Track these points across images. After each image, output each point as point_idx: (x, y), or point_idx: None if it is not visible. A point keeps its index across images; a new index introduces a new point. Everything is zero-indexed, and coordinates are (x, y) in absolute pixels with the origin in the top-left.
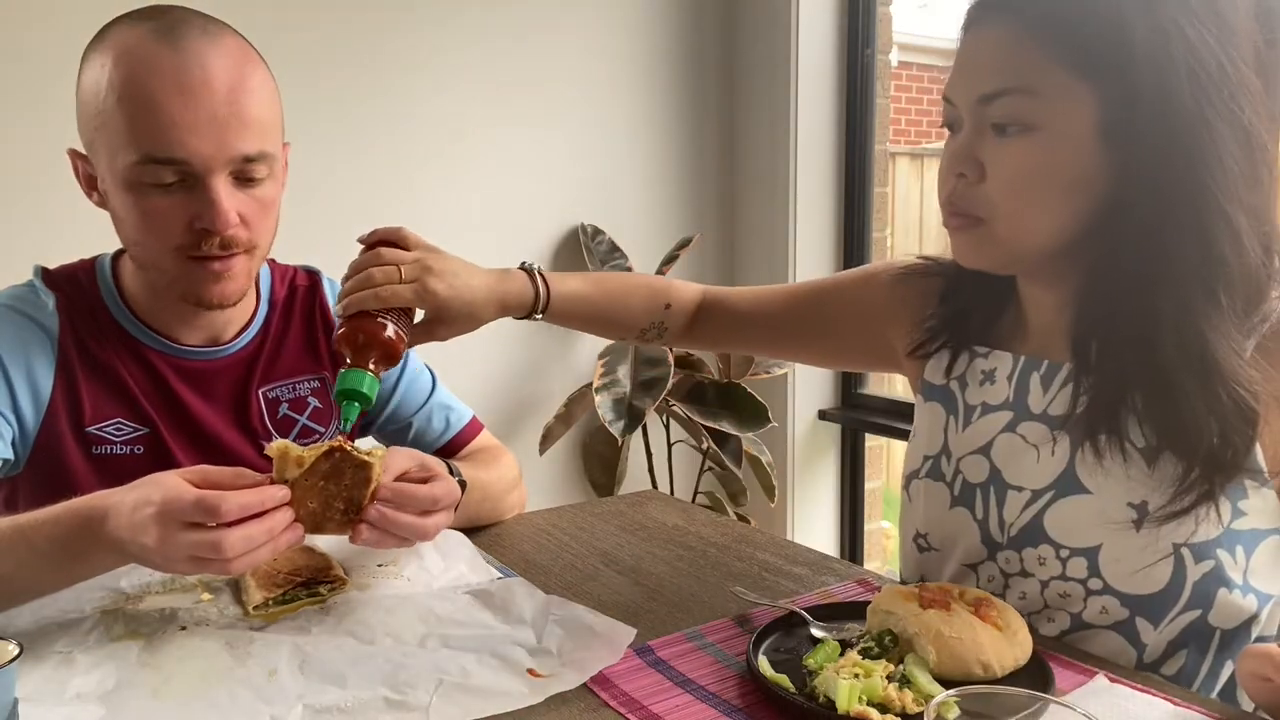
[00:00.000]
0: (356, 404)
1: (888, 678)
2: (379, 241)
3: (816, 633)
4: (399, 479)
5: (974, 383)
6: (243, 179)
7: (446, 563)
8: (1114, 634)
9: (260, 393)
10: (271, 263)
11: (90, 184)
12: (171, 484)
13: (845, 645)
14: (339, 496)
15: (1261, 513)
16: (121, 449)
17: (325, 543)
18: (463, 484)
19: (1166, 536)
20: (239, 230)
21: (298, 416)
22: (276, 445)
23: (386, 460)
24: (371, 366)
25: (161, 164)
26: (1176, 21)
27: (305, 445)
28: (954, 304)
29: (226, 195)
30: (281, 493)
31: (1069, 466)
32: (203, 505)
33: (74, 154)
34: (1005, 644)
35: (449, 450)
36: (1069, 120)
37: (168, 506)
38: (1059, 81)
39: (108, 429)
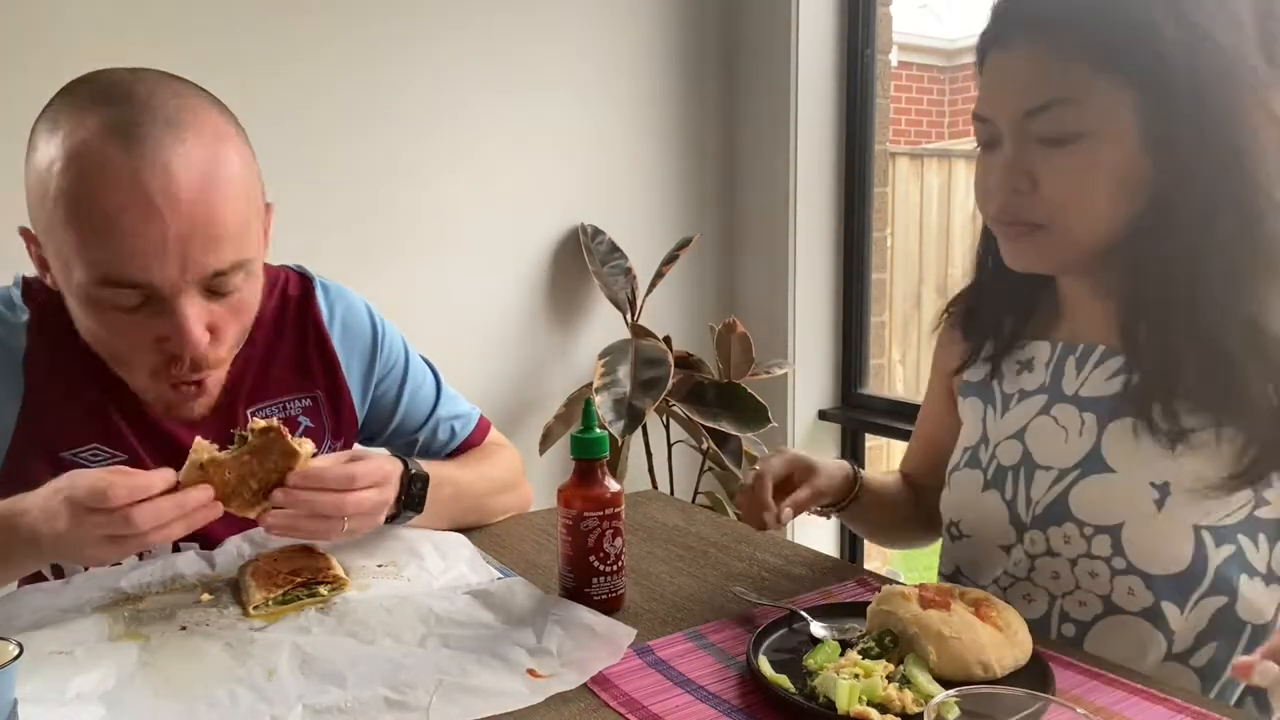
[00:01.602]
0: None
1: (888, 678)
2: None
3: (817, 632)
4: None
5: (1010, 373)
6: (215, 291)
7: (446, 563)
8: (1143, 621)
9: (248, 413)
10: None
11: (42, 266)
12: (81, 474)
13: (845, 645)
14: (256, 476)
15: None
16: None
17: (325, 543)
18: (423, 476)
19: (1186, 518)
20: (210, 349)
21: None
22: (200, 444)
23: (318, 461)
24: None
25: (122, 288)
26: (1200, 20)
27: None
28: (985, 314)
29: (195, 315)
30: (167, 475)
31: (1095, 446)
32: (94, 491)
33: (25, 233)
34: (1005, 644)
35: (455, 456)
36: (1114, 123)
37: (71, 493)
38: (1099, 88)
39: (83, 454)
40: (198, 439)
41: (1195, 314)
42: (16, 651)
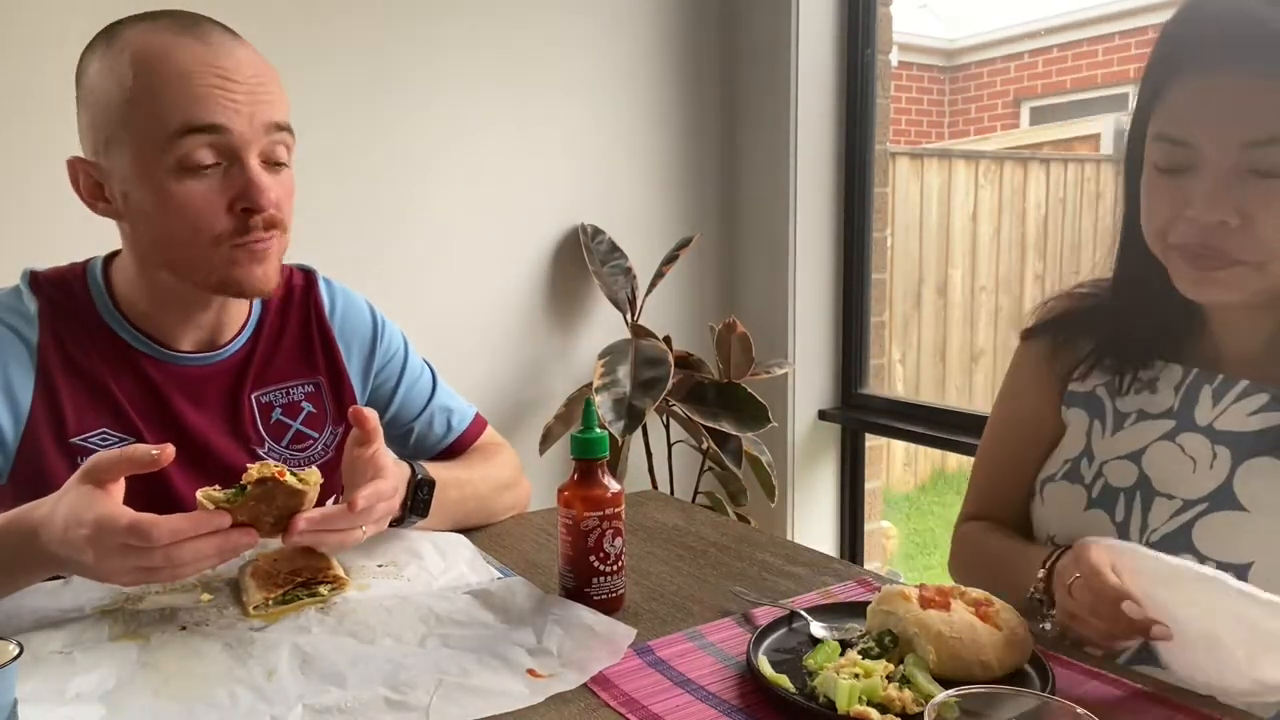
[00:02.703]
0: None
1: (888, 678)
2: None
3: (817, 632)
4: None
5: (1130, 390)
6: (270, 162)
7: (447, 563)
8: None
9: (253, 398)
10: None
11: (95, 193)
12: (100, 507)
13: (845, 645)
14: (269, 514)
15: None
16: None
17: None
18: (430, 482)
19: None
20: (278, 210)
21: (291, 422)
22: (203, 496)
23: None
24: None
25: (201, 133)
26: None
27: (297, 450)
28: (1115, 327)
29: (263, 172)
30: (220, 519)
31: (1228, 482)
32: (135, 531)
33: (77, 162)
34: (1005, 644)
35: (452, 452)
36: None
37: (100, 531)
38: None
39: (92, 439)
40: (200, 493)
41: None
42: (16, 651)
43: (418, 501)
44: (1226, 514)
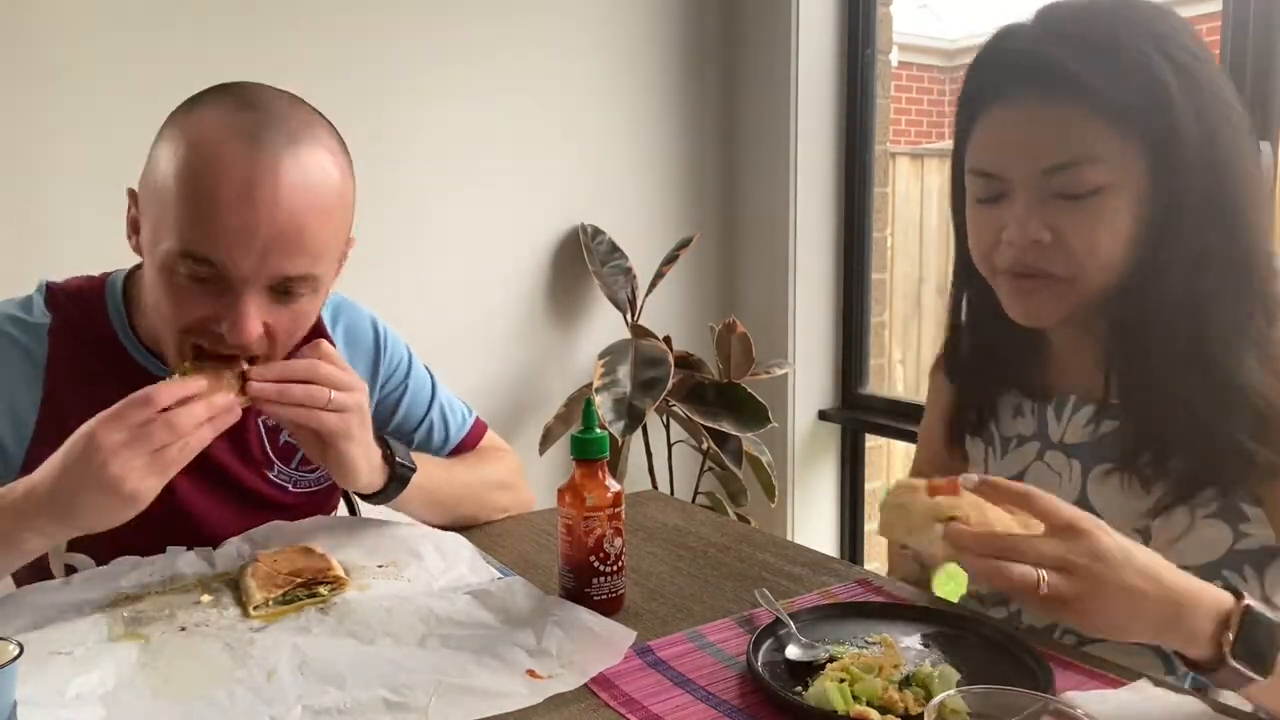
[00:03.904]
0: None
1: (896, 682)
2: None
3: (792, 655)
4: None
5: (1006, 415)
6: (281, 291)
7: (447, 563)
8: (1147, 650)
9: (260, 422)
10: None
11: (132, 227)
12: (84, 431)
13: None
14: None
15: (1265, 526)
16: None
17: (325, 543)
18: (408, 466)
19: (1171, 560)
20: (258, 345)
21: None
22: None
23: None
24: None
25: (199, 262)
26: (1196, 70)
27: (306, 471)
28: (972, 363)
29: (256, 309)
30: (197, 382)
31: (1082, 493)
32: (135, 400)
33: (132, 194)
34: (1017, 525)
35: (455, 456)
36: (1128, 175)
37: (101, 427)
38: (1115, 144)
39: None
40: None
41: (1177, 360)
42: (16, 652)
43: (396, 466)
44: None
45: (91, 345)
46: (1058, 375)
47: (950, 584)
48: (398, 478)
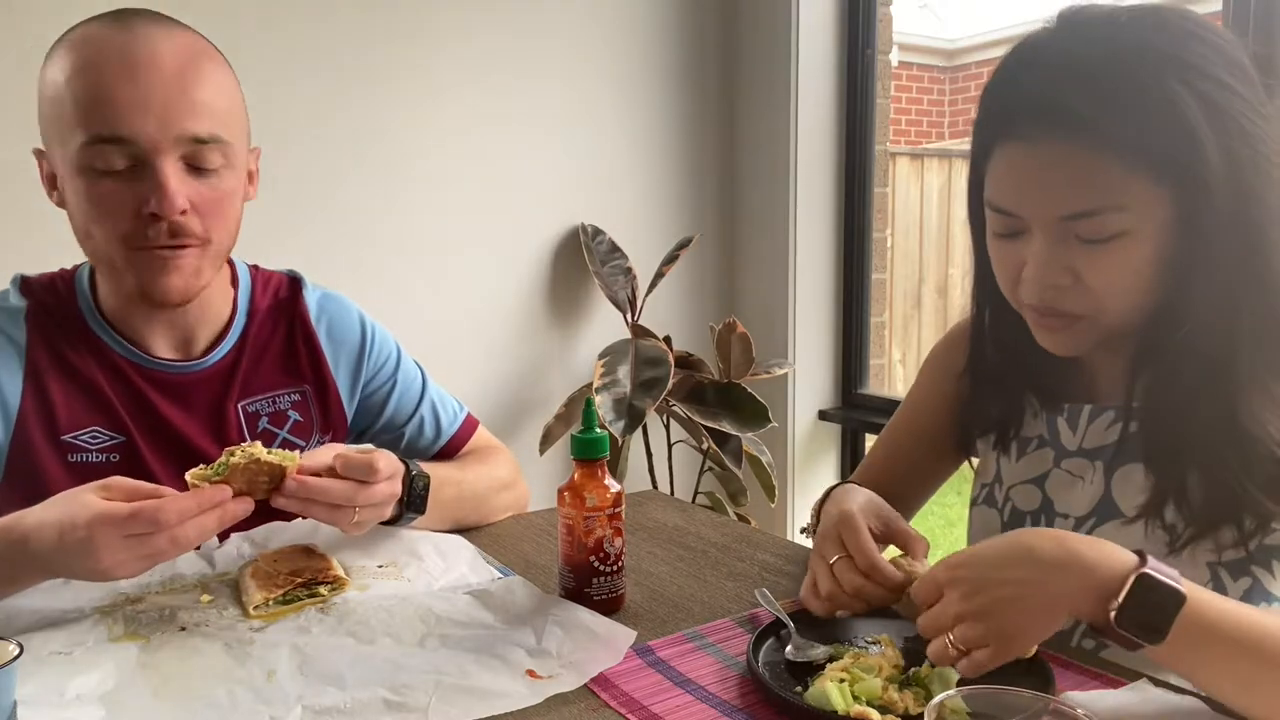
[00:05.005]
0: None
1: (896, 682)
2: None
3: (792, 655)
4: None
5: (1027, 420)
6: (196, 166)
7: (447, 564)
8: None
9: (239, 407)
10: (255, 269)
11: (50, 183)
12: (95, 506)
13: (830, 660)
14: (260, 487)
15: None
16: (97, 457)
17: (325, 543)
18: (424, 476)
19: (1200, 557)
20: (189, 219)
21: (278, 430)
22: (192, 477)
23: (304, 458)
24: None
25: (109, 143)
26: (1224, 105)
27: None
28: (993, 371)
29: (175, 178)
30: (222, 492)
31: (1107, 492)
32: (142, 519)
33: (37, 152)
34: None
35: (444, 455)
36: (1154, 220)
37: (102, 527)
38: (1141, 190)
39: (83, 437)
40: (189, 475)
41: (1213, 389)
42: (16, 652)
43: (414, 496)
44: (1113, 524)
45: (66, 330)
46: (1085, 385)
47: None
48: (414, 508)
